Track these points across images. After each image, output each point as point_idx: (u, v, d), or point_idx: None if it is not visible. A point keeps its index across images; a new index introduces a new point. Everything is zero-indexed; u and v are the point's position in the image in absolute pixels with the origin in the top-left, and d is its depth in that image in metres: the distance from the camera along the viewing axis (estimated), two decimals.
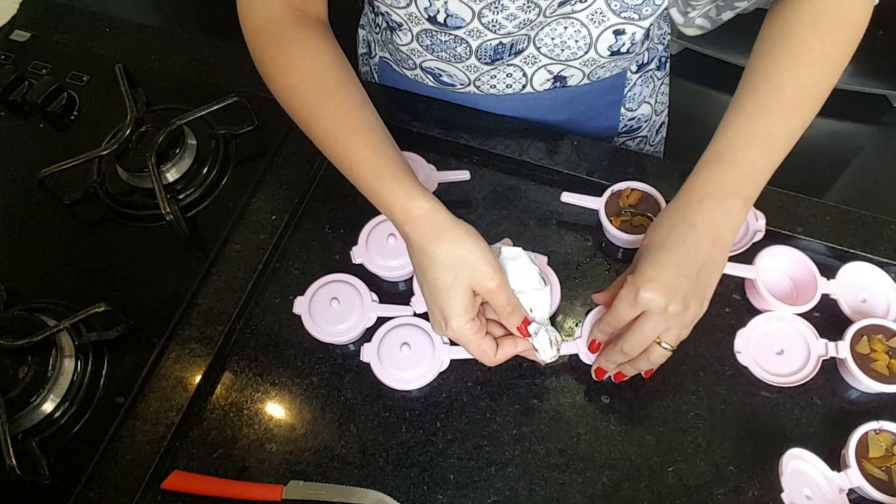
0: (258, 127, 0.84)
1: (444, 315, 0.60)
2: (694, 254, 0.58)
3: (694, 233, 0.59)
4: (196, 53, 0.92)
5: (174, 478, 0.65)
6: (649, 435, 0.67)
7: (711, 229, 0.59)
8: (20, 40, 0.94)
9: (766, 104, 0.61)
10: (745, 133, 0.61)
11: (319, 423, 0.69)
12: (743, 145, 0.60)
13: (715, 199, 0.59)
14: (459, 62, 0.76)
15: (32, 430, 0.68)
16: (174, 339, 0.72)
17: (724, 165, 0.60)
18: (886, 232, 0.74)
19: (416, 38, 0.74)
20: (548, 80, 0.80)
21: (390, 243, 0.73)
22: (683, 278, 0.58)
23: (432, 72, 0.81)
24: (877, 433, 0.63)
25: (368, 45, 0.93)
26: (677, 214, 0.60)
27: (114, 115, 0.85)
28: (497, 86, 0.80)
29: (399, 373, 0.68)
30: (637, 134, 0.94)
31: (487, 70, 0.78)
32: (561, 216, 0.78)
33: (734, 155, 0.60)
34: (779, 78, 0.61)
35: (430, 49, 0.76)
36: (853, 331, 0.67)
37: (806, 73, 0.61)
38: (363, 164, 0.62)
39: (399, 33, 0.75)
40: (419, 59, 0.79)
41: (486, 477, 0.66)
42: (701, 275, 0.59)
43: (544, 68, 0.78)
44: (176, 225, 0.76)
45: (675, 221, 0.60)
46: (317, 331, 0.70)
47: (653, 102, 0.92)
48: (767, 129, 0.61)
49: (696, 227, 0.59)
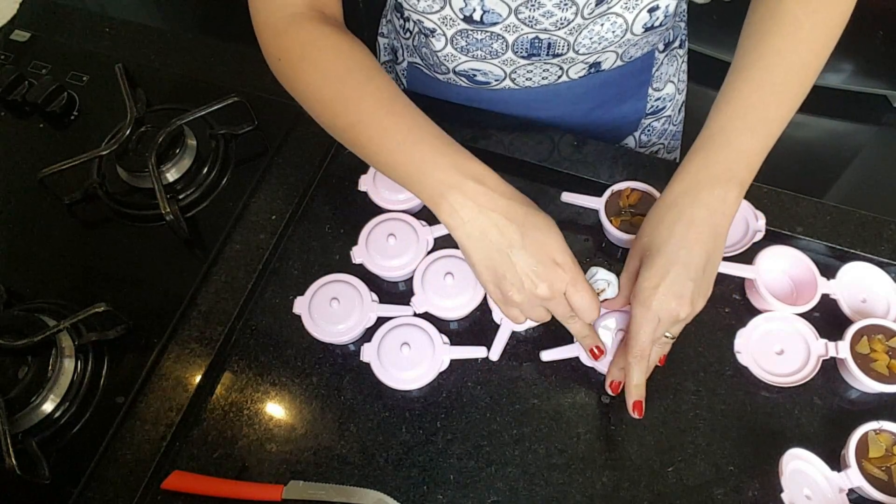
0: (258, 127, 0.84)
1: (554, 256, 0.57)
2: (697, 253, 0.59)
3: (694, 230, 0.59)
4: (196, 53, 0.92)
5: (174, 478, 0.65)
6: (649, 435, 0.67)
7: (710, 223, 0.59)
8: (20, 40, 0.94)
9: (758, 84, 0.61)
10: (738, 116, 0.61)
11: (319, 423, 0.69)
12: (736, 129, 0.60)
13: (711, 188, 0.59)
14: (496, 58, 0.76)
15: (32, 430, 0.68)
16: (174, 339, 0.72)
17: (718, 150, 0.60)
18: (886, 232, 0.74)
19: (451, 41, 0.74)
20: (583, 68, 0.79)
21: (390, 243, 0.73)
22: (690, 281, 0.58)
23: (466, 73, 0.80)
24: (877, 433, 0.63)
25: (393, 51, 0.92)
26: (674, 210, 0.60)
27: (114, 115, 0.85)
28: (533, 79, 0.80)
29: (399, 373, 0.68)
30: (662, 114, 0.94)
31: (524, 65, 0.77)
32: (561, 216, 0.78)
33: (728, 139, 0.60)
34: (769, 58, 0.61)
35: (465, 50, 0.75)
36: (853, 331, 0.67)
37: (795, 51, 0.61)
38: (417, 141, 0.60)
39: (432, 39, 0.75)
40: (452, 64, 0.79)
41: (486, 477, 0.66)
42: (705, 272, 0.59)
43: (581, 62, 0.77)
44: (176, 225, 0.76)
45: (673, 218, 0.60)
46: (317, 331, 0.70)
47: (676, 81, 0.93)
48: (760, 111, 0.60)
49: (695, 222, 0.59)
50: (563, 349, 0.69)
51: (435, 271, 0.72)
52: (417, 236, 0.74)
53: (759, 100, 0.61)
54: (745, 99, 0.61)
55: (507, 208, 0.58)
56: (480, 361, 0.71)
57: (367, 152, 0.63)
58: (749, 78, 0.62)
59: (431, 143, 0.60)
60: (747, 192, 0.75)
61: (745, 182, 0.60)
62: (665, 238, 0.60)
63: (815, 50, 0.62)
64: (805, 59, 0.62)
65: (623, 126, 0.92)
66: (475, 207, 0.57)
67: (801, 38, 0.62)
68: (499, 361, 0.70)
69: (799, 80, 0.62)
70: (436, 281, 0.71)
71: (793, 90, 0.62)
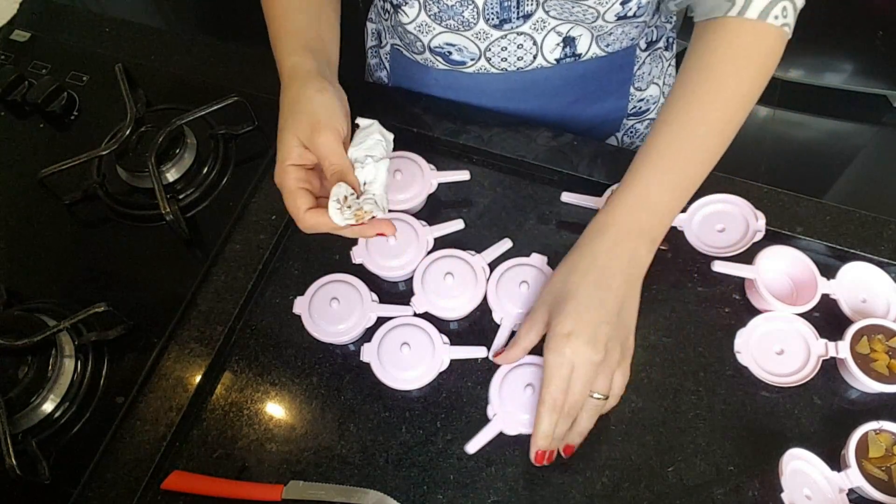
0: (258, 127, 0.84)
1: (277, 157, 0.61)
2: (611, 298, 0.61)
3: (607, 276, 0.61)
4: (196, 53, 0.92)
5: (174, 478, 0.65)
6: (649, 435, 0.67)
7: (625, 272, 0.62)
8: (20, 40, 0.94)
9: (682, 142, 0.64)
10: (660, 171, 0.64)
11: (319, 423, 0.69)
12: (658, 185, 0.63)
13: (625, 241, 0.62)
14: (468, 29, 0.76)
15: (32, 430, 0.68)
16: (174, 339, 0.72)
17: (636, 206, 0.63)
18: (886, 232, 0.74)
19: (423, 6, 0.74)
20: (558, 44, 0.79)
21: (391, 243, 0.73)
22: (605, 324, 0.60)
23: (441, 51, 0.81)
24: (877, 433, 0.63)
25: (378, 35, 0.94)
26: (588, 258, 0.63)
27: (114, 115, 0.85)
28: (508, 58, 0.80)
29: (399, 373, 0.68)
30: (646, 116, 0.94)
31: (497, 38, 0.77)
32: (561, 216, 0.78)
33: (648, 195, 0.63)
34: (695, 111, 0.64)
35: (438, 18, 0.75)
36: (853, 331, 0.67)
37: (719, 109, 0.64)
38: (282, 37, 0.68)
39: (405, 9, 0.76)
40: (427, 38, 0.79)
41: (486, 477, 0.66)
42: (620, 317, 0.61)
43: (553, 31, 0.77)
44: (176, 225, 0.76)
45: (586, 265, 0.62)
46: (317, 331, 0.70)
47: (661, 84, 0.93)
48: (681, 169, 0.64)
49: (609, 269, 0.61)
50: (484, 433, 0.66)
51: (435, 271, 0.72)
52: (417, 236, 0.74)
53: (682, 158, 0.64)
54: (671, 157, 0.64)
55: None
56: (480, 361, 0.71)
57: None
58: (675, 133, 0.64)
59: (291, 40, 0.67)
60: (747, 193, 0.75)
61: (657, 239, 0.64)
62: (577, 283, 0.61)
63: (738, 107, 0.65)
64: (728, 116, 0.65)
65: (604, 125, 0.92)
66: (283, 87, 0.64)
67: (727, 95, 0.64)
68: None
69: (721, 137, 0.65)
70: (436, 281, 0.71)
71: (714, 148, 0.65)
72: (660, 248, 0.75)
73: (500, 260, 0.73)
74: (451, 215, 0.78)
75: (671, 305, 0.73)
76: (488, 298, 0.71)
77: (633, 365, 0.63)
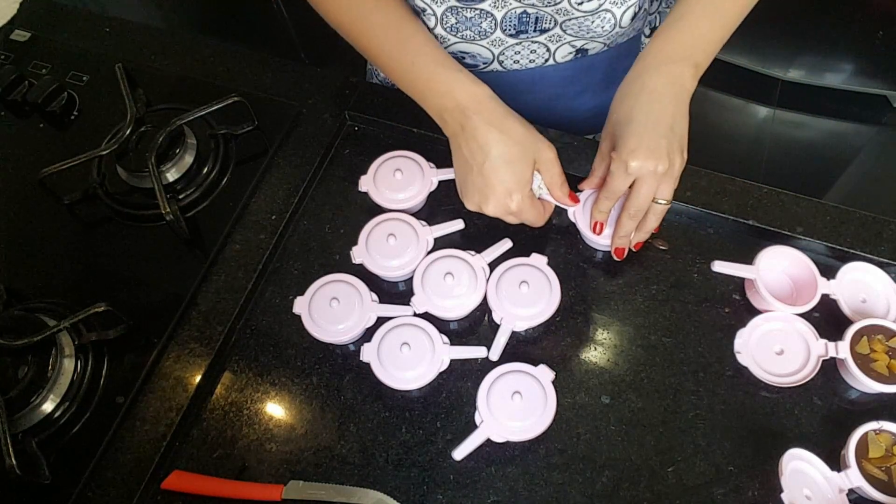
0: (258, 127, 0.84)
1: (509, 188, 0.66)
2: (662, 114, 0.64)
3: (656, 96, 0.65)
4: (196, 53, 0.92)
5: (174, 478, 0.65)
6: (649, 435, 0.67)
7: (670, 91, 0.65)
8: (20, 40, 0.94)
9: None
10: (698, 5, 0.67)
11: (319, 423, 0.69)
12: (696, 15, 0.67)
13: (670, 65, 0.65)
14: (484, 38, 0.77)
15: (32, 430, 0.68)
16: (174, 339, 0.72)
17: (677, 33, 0.67)
18: (886, 232, 0.74)
19: (441, 20, 0.75)
20: (570, 53, 0.81)
21: (390, 243, 0.73)
22: (662, 138, 0.63)
23: (455, 56, 0.81)
24: (877, 433, 0.63)
25: None
26: (637, 83, 0.66)
27: (114, 115, 0.85)
28: (520, 60, 0.81)
29: (399, 373, 0.68)
30: None
31: (511, 45, 0.78)
32: (560, 216, 0.78)
33: (687, 24, 0.67)
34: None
35: (455, 29, 0.76)
36: (853, 331, 0.67)
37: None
38: (425, 57, 0.68)
39: (423, 18, 0.76)
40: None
41: (486, 477, 0.66)
42: (674, 130, 0.64)
43: (568, 44, 0.79)
44: (176, 225, 0.76)
45: (636, 90, 0.66)
46: (317, 331, 0.70)
47: None
48: (718, 3, 0.67)
49: (657, 90, 0.65)
50: (471, 440, 0.65)
51: (435, 271, 0.72)
52: (417, 236, 0.74)
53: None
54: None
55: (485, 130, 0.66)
56: (480, 361, 0.71)
57: (386, 70, 0.72)
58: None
59: (438, 64, 0.68)
60: (747, 193, 0.75)
61: (701, 64, 0.67)
62: (631, 107, 0.65)
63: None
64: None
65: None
66: (482, 120, 0.66)
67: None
68: (499, 361, 0.70)
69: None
70: (436, 281, 0.71)
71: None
72: (660, 248, 0.76)
73: (500, 260, 0.73)
74: (451, 215, 0.78)
75: (671, 305, 0.73)
76: (488, 298, 0.71)
77: (632, 365, 0.63)
